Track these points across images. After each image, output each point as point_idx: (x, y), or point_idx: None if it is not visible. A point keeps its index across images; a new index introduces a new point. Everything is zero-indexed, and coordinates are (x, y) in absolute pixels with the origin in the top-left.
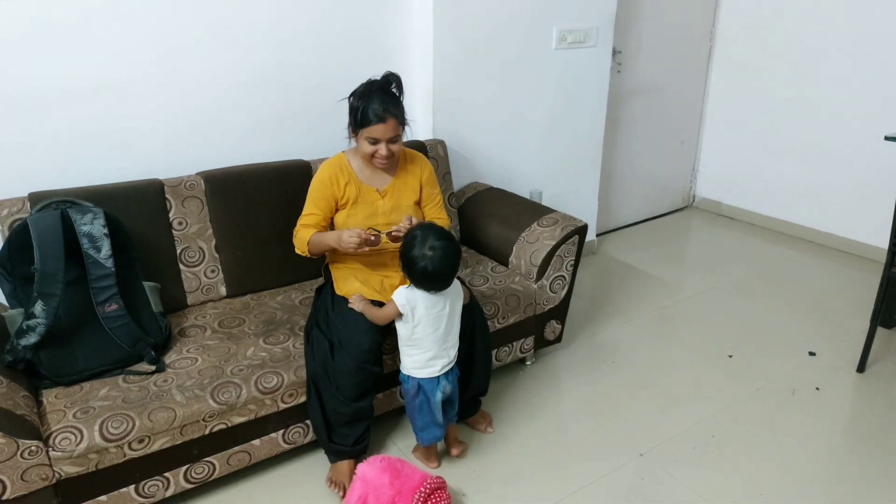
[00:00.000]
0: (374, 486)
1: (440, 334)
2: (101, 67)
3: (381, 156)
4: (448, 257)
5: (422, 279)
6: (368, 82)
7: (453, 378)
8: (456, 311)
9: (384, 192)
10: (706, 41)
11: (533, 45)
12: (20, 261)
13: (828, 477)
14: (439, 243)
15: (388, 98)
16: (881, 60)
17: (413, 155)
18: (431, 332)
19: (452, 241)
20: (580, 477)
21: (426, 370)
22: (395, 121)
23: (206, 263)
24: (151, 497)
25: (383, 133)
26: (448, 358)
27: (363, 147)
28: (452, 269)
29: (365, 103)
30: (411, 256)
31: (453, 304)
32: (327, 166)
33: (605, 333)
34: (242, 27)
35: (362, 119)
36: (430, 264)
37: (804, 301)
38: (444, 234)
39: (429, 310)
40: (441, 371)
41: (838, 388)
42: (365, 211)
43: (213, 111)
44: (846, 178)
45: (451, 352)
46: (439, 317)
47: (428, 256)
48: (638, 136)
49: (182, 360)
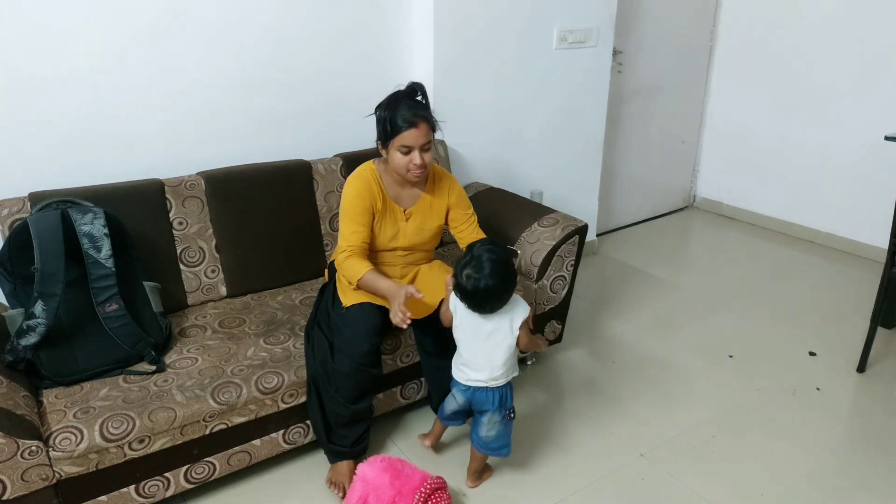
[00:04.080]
0: (374, 487)
1: (474, 348)
2: (102, 67)
3: (416, 165)
4: (485, 290)
5: (461, 293)
6: (394, 93)
7: (475, 400)
8: (500, 343)
9: (409, 213)
10: (707, 41)
11: (533, 46)
12: (20, 261)
13: (828, 477)
14: (479, 276)
15: (416, 104)
16: (881, 61)
17: (441, 173)
18: (467, 339)
19: (496, 279)
20: (580, 477)
21: (456, 370)
22: (426, 125)
23: (206, 263)
24: (152, 497)
25: (415, 140)
26: (477, 374)
27: (395, 160)
28: (489, 297)
29: (392, 112)
30: (459, 269)
31: (498, 333)
32: (358, 177)
33: (605, 333)
34: (243, 27)
35: (392, 128)
36: (470, 285)
37: (804, 301)
38: (495, 270)
39: (468, 318)
40: (465, 381)
41: (838, 388)
42: (389, 232)
43: (214, 111)
44: (846, 179)
45: (482, 373)
46: (477, 331)
47: (469, 277)
48: (638, 136)
49: (182, 360)
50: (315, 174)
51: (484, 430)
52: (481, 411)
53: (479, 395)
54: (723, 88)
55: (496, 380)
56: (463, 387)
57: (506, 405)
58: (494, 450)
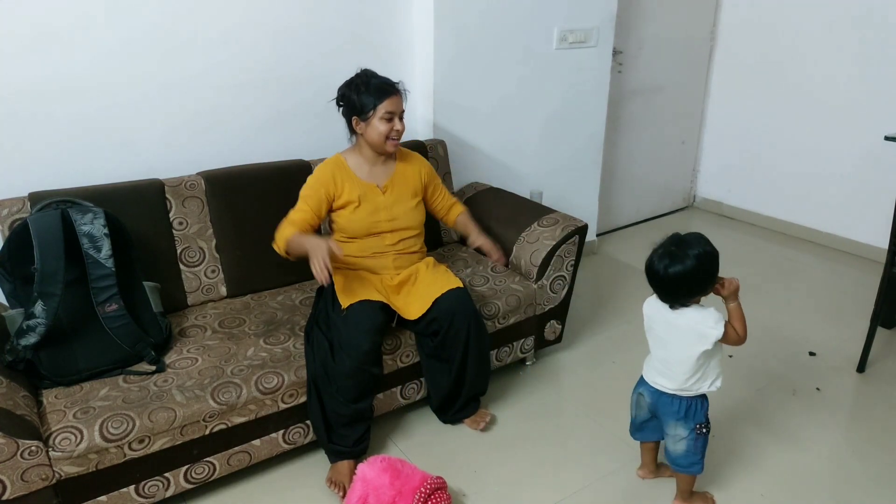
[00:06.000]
0: (374, 487)
1: (653, 346)
2: (102, 67)
3: (398, 131)
4: (669, 257)
5: (647, 269)
6: (354, 76)
7: (660, 404)
8: (674, 344)
9: (385, 187)
10: (707, 41)
11: (534, 46)
12: (20, 260)
13: (828, 477)
14: (675, 248)
15: (384, 77)
16: (881, 60)
17: (406, 152)
18: (650, 336)
19: (685, 258)
20: (580, 477)
21: (645, 365)
22: (400, 95)
23: (206, 263)
24: (151, 497)
25: (397, 105)
26: (657, 373)
27: (378, 130)
28: (665, 270)
29: (364, 86)
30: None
31: (672, 333)
32: (325, 165)
33: (605, 333)
34: (242, 27)
35: (376, 97)
36: (653, 258)
37: (804, 301)
38: (689, 249)
39: (650, 313)
40: (650, 380)
41: (838, 388)
42: (368, 208)
43: (214, 111)
44: (846, 179)
45: (655, 374)
46: (650, 329)
47: (657, 252)
48: (638, 136)
49: (182, 360)
50: None
51: (670, 442)
52: (664, 419)
53: (664, 400)
54: (723, 88)
55: (686, 390)
56: (645, 387)
57: (695, 418)
58: (683, 467)
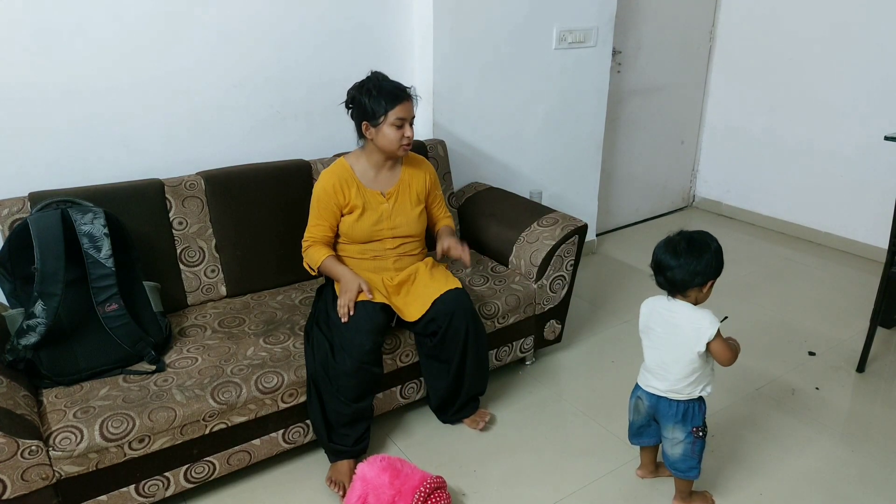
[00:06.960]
0: (374, 486)
1: (648, 347)
2: (101, 67)
3: (409, 137)
4: (674, 245)
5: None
6: (365, 79)
7: (659, 408)
8: (672, 343)
9: (389, 194)
10: (706, 41)
11: (533, 45)
12: (20, 260)
13: (828, 476)
14: (679, 237)
15: (395, 82)
16: (881, 60)
17: (413, 156)
18: (646, 337)
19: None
20: (580, 477)
21: (641, 372)
22: (412, 100)
23: (206, 263)
24: (151, 497)
25: (409, 111)
26: (651, 376)
27: (389, 136)
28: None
29: (376, 90)
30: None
31: (671, 332)
32: (329, 174)
33: (605, 333)
34: (242, 27)
35: (386, 103)
36: (671, 238)
37: (804, 301)
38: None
39: (649, 312)
40: (644, 384)
41: (838, 388)
42: (372, 217)
43: (213, 111)
44: (846, 178)
45: (652, 378)
46: (647, 328)
47: (673, 237)
48: (638, 135)
49: (182, 360)
50: (315, 174)
51: (668, 445)
52: (662, 422)
53: (663, 402)
54: (722, 88)
55: (677, 392)
56: (643, 391)
57: (692, 421)
58: (681, 471)
